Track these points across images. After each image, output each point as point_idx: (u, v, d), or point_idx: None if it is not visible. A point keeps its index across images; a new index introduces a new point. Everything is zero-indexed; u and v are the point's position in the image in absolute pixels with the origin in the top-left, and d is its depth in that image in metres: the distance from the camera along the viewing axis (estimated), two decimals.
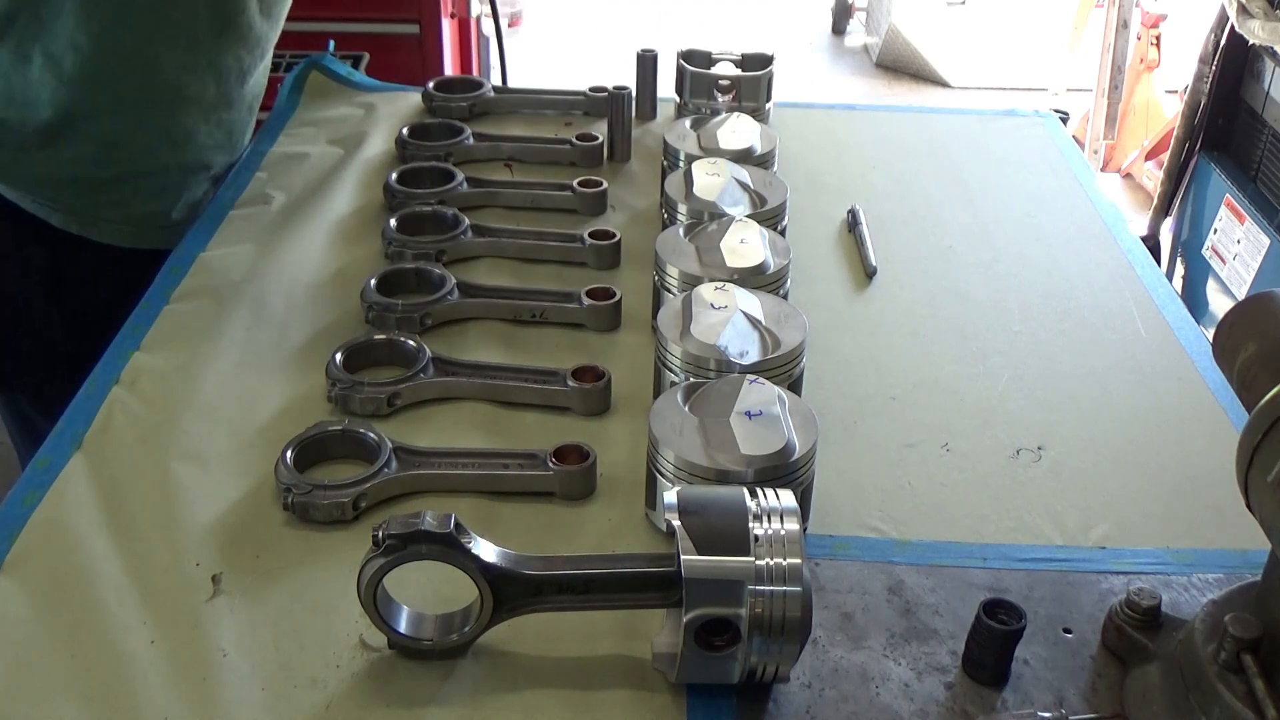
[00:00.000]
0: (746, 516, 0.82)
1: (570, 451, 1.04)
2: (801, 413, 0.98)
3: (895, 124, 1.87)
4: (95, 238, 1.48)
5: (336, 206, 1.51)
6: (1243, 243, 2.77)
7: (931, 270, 1.44)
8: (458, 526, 0.83)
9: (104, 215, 1.48)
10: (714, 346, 1.03)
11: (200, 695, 0.84)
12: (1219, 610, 0.81)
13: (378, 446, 1.04)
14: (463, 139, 1.62)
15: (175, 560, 0.96)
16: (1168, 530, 1.04)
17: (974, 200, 1.62)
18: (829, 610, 0.93)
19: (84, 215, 1.47)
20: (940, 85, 5.78)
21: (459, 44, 3.27)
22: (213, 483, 1.05)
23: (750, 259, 1.17)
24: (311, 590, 0.94)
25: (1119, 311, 1.37)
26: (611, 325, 1.28)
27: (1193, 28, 3.67)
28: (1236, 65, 2.88)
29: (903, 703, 0.85)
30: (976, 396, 1.21)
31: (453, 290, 1.28)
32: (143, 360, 1.20)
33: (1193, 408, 1.21)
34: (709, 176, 1.32)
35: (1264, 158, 2.78)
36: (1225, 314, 0.86)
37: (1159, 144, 4.22)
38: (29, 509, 1.00)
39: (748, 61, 1.74)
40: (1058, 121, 1.87)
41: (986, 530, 1.03)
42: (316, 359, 1.18)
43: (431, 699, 0.85)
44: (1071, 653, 0.89)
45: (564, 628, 0.89)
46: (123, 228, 1.50)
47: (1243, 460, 0.74)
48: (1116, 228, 1.55)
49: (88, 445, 1.08)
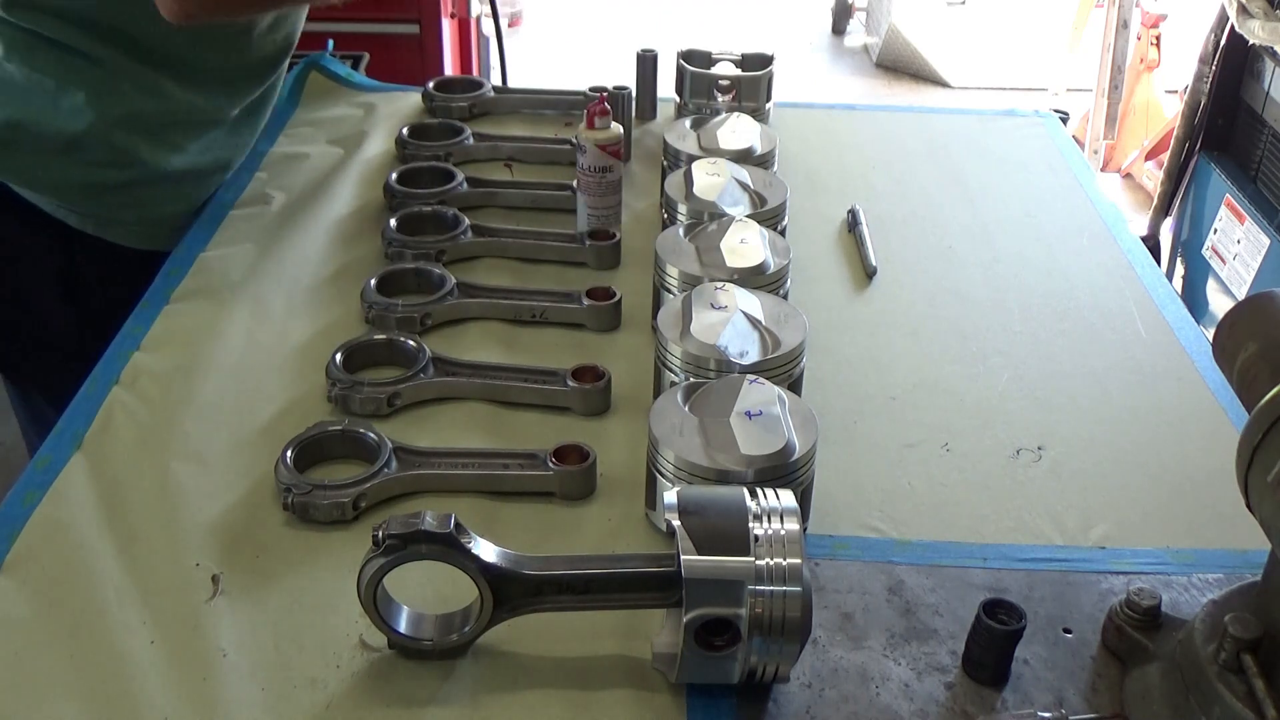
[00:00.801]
0: (746, 516, 0.82)
1: (570, 451, 1.04)
2: (801, 413, 0.98)
3: (895, 124, 1.87)
4: (111, 239, 1.48)
5: (336, 206, 1.51)
6: (1243, 243, 2.77)
7: (931, 270, 1.44)
8: (458, 526, 0.83)
9: (120, 217, 1.48)
10: (714, 346, 1.03)
11: (200, 695, 0.84)
12: (1219, 610, 0.81)
13: (378, 446, 1.04)
14: (462, 139, 1.62)
15: (175, 560, 0.96)
16: (1168, 530, 1.04)
17: (974, 200, 1.62)
18: (829, 610, 0.93)
19: (100, 217, 1.47)
20: (940, 85, 5.77)
21: (459, 44, 3.27)
22: (213, 483, 1.05)
23: (750, 259, 1.17)
24: (311, 590, 0.94)
25: (1119, 311, 1.37)
26: (611, 325, 1.28)
27: (1193, 28, 3.67)
28: (1236, 65, 2.88)
29: (903, 703, 0.85)
30: (976, 396, 1.21)
31: (453, 290, 1.28)
32: (143, 360, 1.20)
33: (1193, 408, 1.21)
34: (709, 176, 1.32)
35: (1264, 158, 2.78)
36: (1225, 314, 0.86)
37: (1159, 144, 4.21)
38: (29, 509, 1.00)
39: (748, 61, 1.73)
40: (1058, 121, 1.87)
41: (986, 530, 1.03)
42: (316, 359, 1.18)
43: (431, 699, 0.85)
44: (1071, 653, 0.89)
45: (564, 628, 0.89)
46: (139, 229, 1.49)
47: (1243, 460, 0.74)
48: (1116, 228, 1.55)
49: (88, 445, 1.08)
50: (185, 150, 1.48)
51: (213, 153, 1.52)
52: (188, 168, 1.49)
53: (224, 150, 1.55)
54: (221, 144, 1.53)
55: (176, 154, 1.47)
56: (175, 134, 1.46)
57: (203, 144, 1.50)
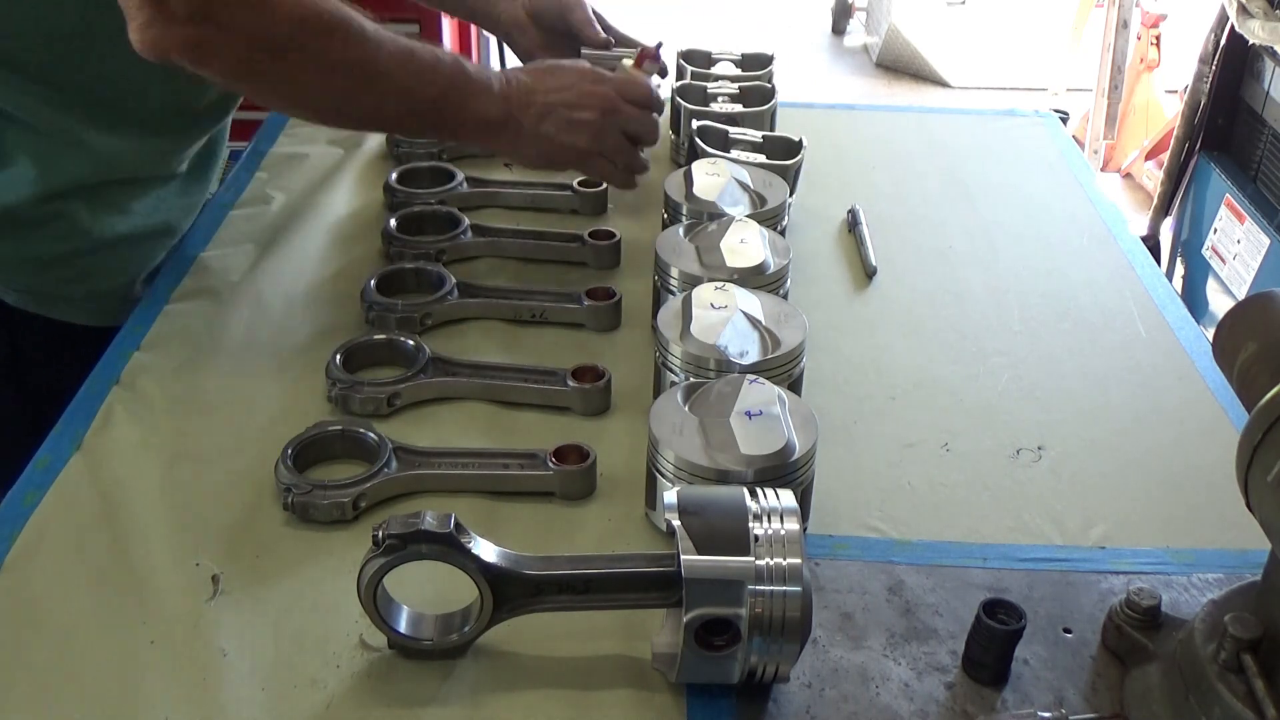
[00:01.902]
0: (746, 516, 0.82)
1: (570, 451, 1.04)
2: (801, 413, 0.98)
3: (895, 124, 1.87)
4: (55, 315, 1.33)
5: (336, 206, 1.51)
6: (1243, 243, 2.77)
7: (931, 270, 1.44)
8: (458, 526, 0.83)
9: (63, 293, 1.33)
10: (714, 346, 1.03)
11: (200, 695, 0.84)
12: (1219, 610, 0.81)
13: (378, 446, 1.04)
14: None
15: (175, 560, 0.96)
16: (1168, 530, 1.04)
17: (974, 200, 1.62)
18: (829, 610, 0.93)
19: (40, 294, 1.32)
20: (940, 85, 5.77)
21: (459, 44, 3.27)
22: (213, 483, 1.05)
23: (750, 259, 1.17)
24: (311, 590, 0.94)
25: (1119, 311, 1.37)
26: (611, 325, 1.28)
27: (1193, 28, 3.67)
28: (1236, 65, 2.88)
29: (903, 703, 0.85)
30: (976, 396, 1.21)
31: (453, 290, 1.28)
32: (143, 360, 1.20)
33: (1193, 408, 1.21)
34: (709, 176, 1.31)
35: (1264, 158, 2.78)
36: (1225, 314, 0.86)
37: (1159, 144, 4.21)
38: (29, 509, 1.00)
39: (748, 61, 1.73)
40: (1058, 121, 1.87)
41: (986, 530, 1.03)
42: (316, 359, 1.18)
43: (431, 699, 0.85)
44: (1071, 653, 0.89)
45: (564, 628, 0.89)
46: (83, 305, 1.35)
47: (1243, 460, 0.74)
48: (1116, 228, 1.55)
49: (88, 445, 1.08)
50: (130, 212, 1.33)
51: (160, 214, 1.38)
52: (132, 234, 1.34)
53: (172, 211, 1.40)
54: (170, 204, 1.39)
55: (120, 217, 1.32)
56: (116, 194, 1.31)
57: (149, 204, 1.36)
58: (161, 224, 1.39)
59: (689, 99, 1.59)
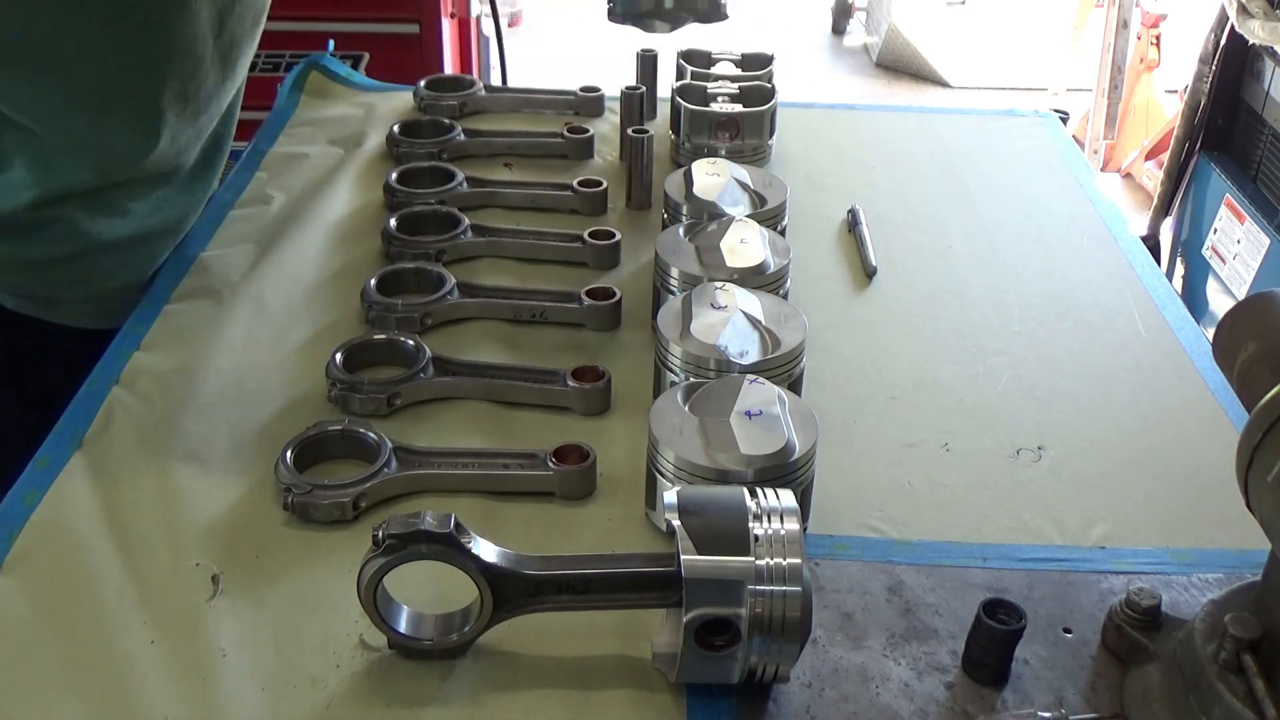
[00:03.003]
0: (746, 516, 0.82)
1: (570, 451, 1.04)
2: (801, 413, 0.98)
3: (895, 124, 1.87)
4: (54, 319, 1.33)
5: (336, 206, 1.51)
6: (1243, 243, 2.77)
7: (931, 270, 1.44)
8: (458, 526, 0.83)
9: (64, 295, 1.33)
10: (714, 346, 1.03)
11: (200, 695, 0.84)
12: (1219, 610, 0.81)
13: (378, 446, 1.04)
14: (454, 135, 1.61)
15: (175, 560, 0.96)
16: (1168, 530, 1.04)
17: (974, 200, 1.62)
18: (829, 610, 0.93)
19: (39, 298, 1.31)
20: (940, 85, 5.78)
21: (459, 44, 3.28)
22: (213, 483, 1.05)
23: (750, 259, 1.17)
24: (311, 590, 0.94)
25: (1119, 311, 1.37)
26: (611, 325, 1.28)
27: (1193, 28, 3.67)
28: (1236, 65, 2.88)
29: (903, 703, 0.85)
30: (976, 396, 1.21)
31: (453, 290, 1.28)
32: (143, 360, 1.20)
33: (1193, 408, 1.21)
34: (709, 176, 1.32)
35: (1264, 158, 2.78)
36: (1225, 314, 0.86)
37: (1159, 144, 4.22)
38: (29, 509, 1.00)
39: (748, 61, 1.73)
40: (1058, 121, 1.87)
41: (986, 530, 1.03)
42: (316, 359, 1.18)
43: (431, 699, 0.85)
44: (1071, 653, 0.89)
45: (564, 628, 0.89)
46: (84, 307, 1.34)
47: (1243, 460, 0.74)
48: (1116, 228, 1.55)
49: (88, 445, 1.08)
50: (130, 213, 1.31)
51: (162, 214, 1.36)
52: (135, 233, 1.33)
53: (174, 210, 1.38)
54: (172, 203, 1.37)
55: (120, 219, 1.30)
56: (116, 195, 1.29)
57: (152, 210, 1.34)
58: (164, 224, 1.38)
59: (689, 99, 1.59)
